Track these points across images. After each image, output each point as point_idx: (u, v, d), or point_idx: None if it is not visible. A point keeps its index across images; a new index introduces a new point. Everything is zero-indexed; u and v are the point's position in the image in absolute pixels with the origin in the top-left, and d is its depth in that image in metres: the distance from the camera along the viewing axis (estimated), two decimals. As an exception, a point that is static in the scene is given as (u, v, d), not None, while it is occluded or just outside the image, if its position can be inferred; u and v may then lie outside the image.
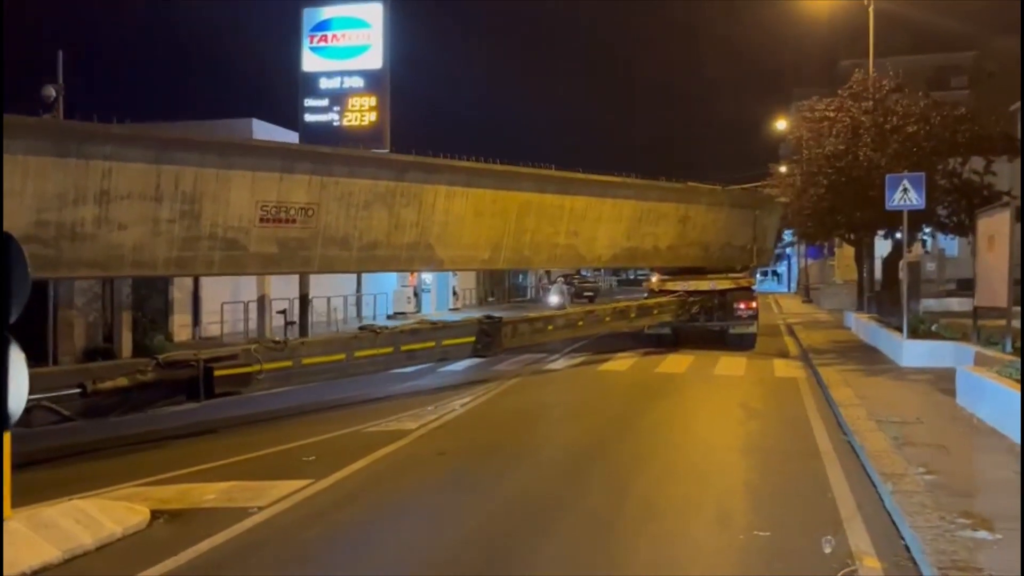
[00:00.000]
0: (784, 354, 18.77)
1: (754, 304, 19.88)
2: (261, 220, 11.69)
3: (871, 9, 23.28)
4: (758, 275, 77.81)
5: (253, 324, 23.02)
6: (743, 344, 19.35)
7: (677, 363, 17.03)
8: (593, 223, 17.79)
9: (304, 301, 20.76)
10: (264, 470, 8.11)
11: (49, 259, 9.49)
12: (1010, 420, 8.61)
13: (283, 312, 21.57)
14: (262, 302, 19.53)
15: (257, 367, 10.17)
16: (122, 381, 8.77)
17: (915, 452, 7.96)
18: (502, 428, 10.46)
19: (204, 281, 23.08)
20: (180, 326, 22.99)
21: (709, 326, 19.81)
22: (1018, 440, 8.21)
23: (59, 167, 9.51)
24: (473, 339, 13.98)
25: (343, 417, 11.07)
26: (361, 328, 13.01)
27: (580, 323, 17.13)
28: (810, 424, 10.36)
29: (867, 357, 16.50)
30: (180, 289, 22.83)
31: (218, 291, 23.17)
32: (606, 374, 15.70)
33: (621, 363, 17.17)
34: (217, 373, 9.65)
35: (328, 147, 13.06)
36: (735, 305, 19.54)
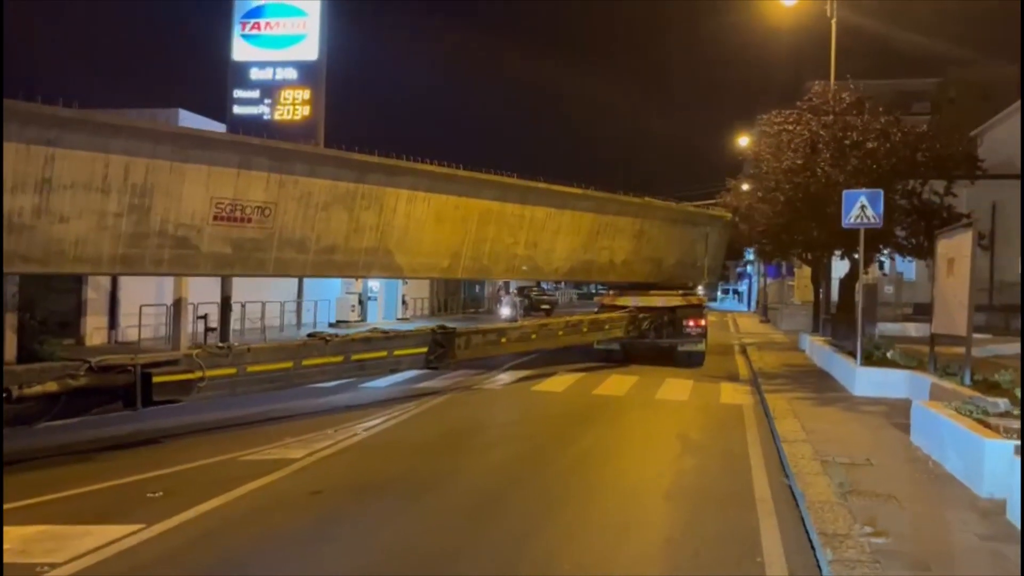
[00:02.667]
0: (733, 377, 17.74)
1: (703, 322, 19.59)
2: (215, 218, 11.01)
3: (833, 21, 22.54)
4: (719, 292, 78.21)
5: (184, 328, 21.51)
6: (691, 361, 19.08)
7: (619, 384, 15.90)
8: (552, 235, 17.41)
9: (226, 305, 19.38)
10: (96, 509, 6.77)
11: None
12: (970, 466, 7.57)
13: (203, 317, 20.09)
14: (178, 305, 18.02)
15: (199, 374, 9.51)
16: (52, 386, 8.15)
17: (862, 504, 6.85)
18: (401, 459, 9.17)
19: (123, 280, 21.54)
20: (95, 328, 21.39)
21: (658, 343, 19.44)
22: (980, 491, 7.17)
23: None
24: (426, 350, 13.38)
25: (226, 440, 9.77)
26: (310, 335, 12.31)
27: (534, 336, 16.62)
28: (750, 462, 9.24)
29: (819, 384, 15.51)
30: (95, 289, 21.25)
31: (138, 292, 21.61)
32: (540, 395, 14.49)
33: (560, 382, 16.01)
34: (156, 379, 8.99)
35: (290, 143, 12.23)
36: (685, 322, 19.30)
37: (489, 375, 16.83)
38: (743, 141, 39.54)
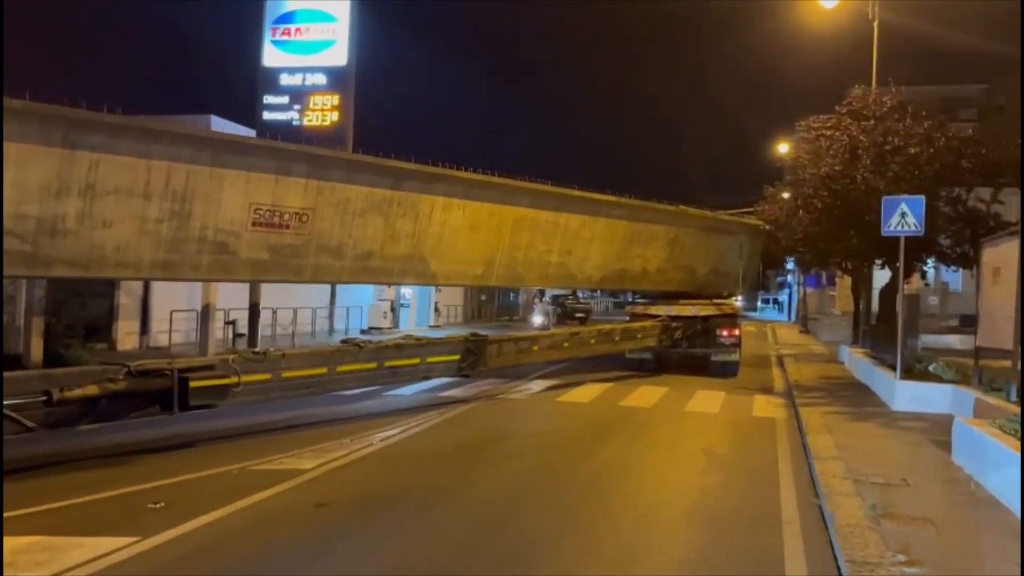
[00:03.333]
0: (768, 389, 17.21)
1: (737, 332, 19.35)
2: (254, 224, 11.02)
3: (875, 23, 21.87)
4: (759, 302, 76.98)
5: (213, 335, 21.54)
6: (725, 371, 18.86)
7: (647, 395, 15.48)
8: (586, 242, 17.30)
9: (254, 311, 19.38)
10: (95, 519, 6.60)
11: (25, 256, 8.77)
12: (1015, 489, 7.07)
13: (232, 323, 20.08)
14: (206, 312, 18.03)
15: (235, 379, 9.57)
16: (92, 390, 8.23)
17: (896, 529, 6.41)
18: (414, 471, 8.90)
19: (155, 286, 21.66)
20: (126, 333, 21.52)
21: (691, 352, 19.24)
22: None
23: (44, 156, 8.79)
24: (458, 357, 13.36)
25: (240, 448, 9.61)
26: (344, 342, 12.40)
27: (566, 344, 16.52)
28: (779, 480, 8.80)
29: (857, 397, 14.93)
30: (128, 294, 21.39)
31: (170, 297, 21.69)
32: (565, 406, 14.14)
33: (586, 393, 15.65)
34: (192, 384, 9.02)
35: (328, 149, 12.43)
36: (718, 332, 19.09)
37: (516, 384, 16.53)
38: (782, 148, 38.82)
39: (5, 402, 7.54)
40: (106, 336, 20.88)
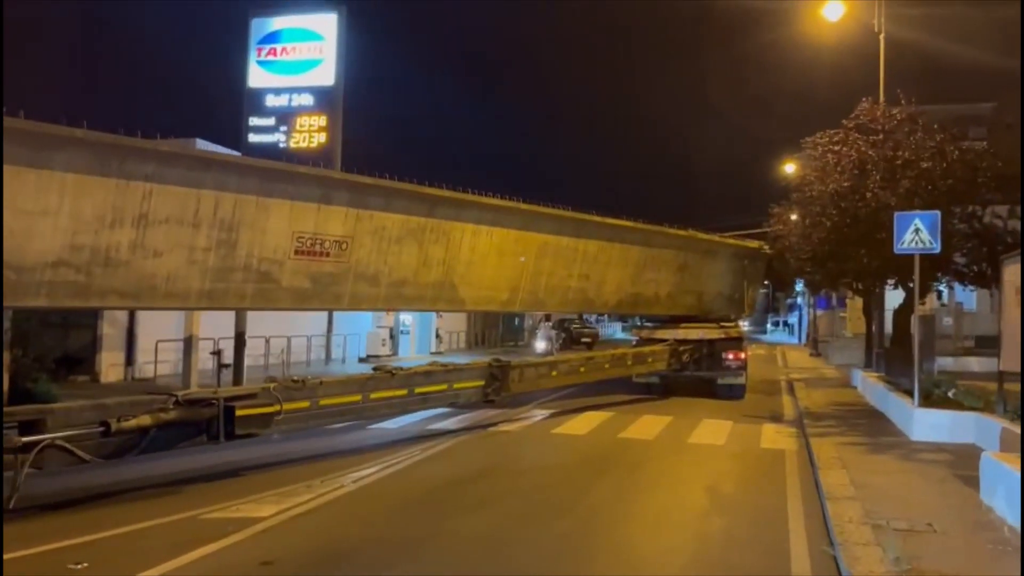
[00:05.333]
0: (777, 417, 16.28)
1: (743, 355, 19.55)
2: (296, 252, 11.06)
3: (882, 36, 21.18)
4: (769, 324, 75.98)
5: (199, 366, 20.75)
6: (732, 394, 19.05)
7: (649, 426, 14.59)
8: (603, 267, 17.65)
9: (239, 341, 18.57)
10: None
11: (79, 287, 8.71)
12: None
13: (217, 353, 19.30)
14: (189, 343, 17.28)
15: (277, 407, 9.65)
16: (145, 420, 8.30)
17: (924, 589, 5.54)
18: (379, 520, 7.99)
19: (140, 316, 20.95)
20: (110, 365, 20.76)
21: (698, 375, 19.46)
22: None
23: (99, 186, 8.74)
24: (483, 383, 13.60)
25: (201, 491, 8.88)
26: (375, 369, 12.53)
27: (582, 369, 16.81)
28: (788, 525, 7.90)
29: (872, 426, 14.00)
30: (112, 324, 20.67)
31: (155, 327, 20.97)
32: (560, 439, 13.26)
33: (585, 423, 14.78)
34: (238, 413, 9.11)
35: (369, 177, 12.26)
36: (724, 355, 19.37)
37: (513, 413, 15.70)
38: (788, 168, 38.03)
39: (59, 434, 7.58)
40: (89, 368, 20.13)
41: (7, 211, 7.94)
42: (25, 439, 7.29)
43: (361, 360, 29.83)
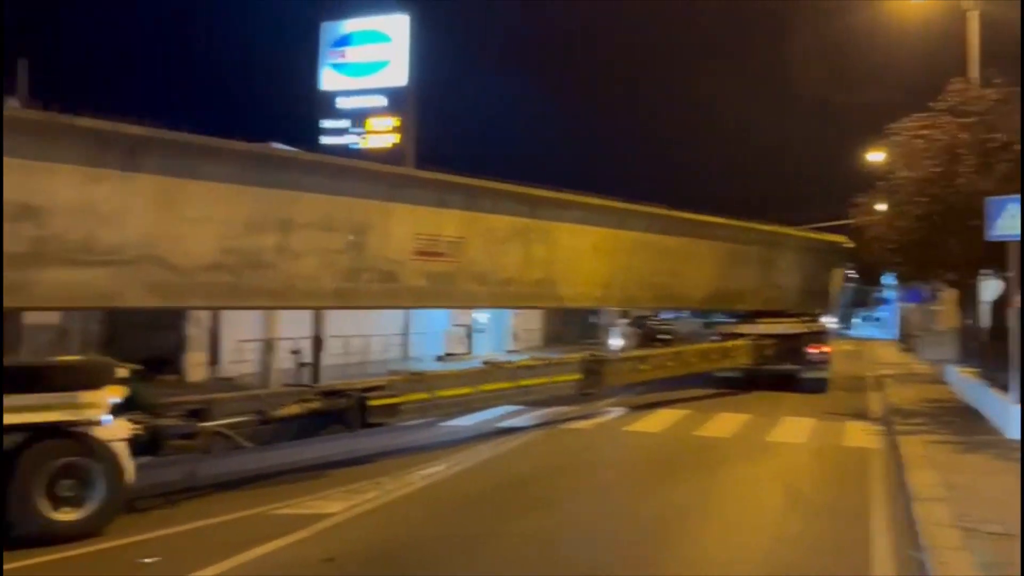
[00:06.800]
0: (862, 415, 15.62)
1: (826, 349, 19.61)
2: (416, 253, 11.61)
3: (973, 13, 20.07)
4: (857, 319, 73.47)
5: (279, 364, 21.21)
6: (815, 388, 19.07)
7: (726, 423, 14.20)
8: (691, 264, 17.95)
9: (317, 341, 18.99)
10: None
11: (231, 287, 9.31)
12: None
13: (296, 352, 19.73)
14: (269, 343, 17.68)
15: (403, 398, 10.47)
16: (295, 409, 9.19)
17: (1019, 599, 5.13)
18: (443, 519, 7.96)
19: (223, 316, 21.55)
20: (195, 364, 21.38)
21: (780, 370, 19.48)
22: None
23: (249, 194, 9.31)
24: (580, 376, 14.17)
25: (270, 488, 8.93)
26: (484, 363, 13.51)
27: (670, 363, 17.40)
28: (870, 527, 7.51)
29: (965, 425, 13.28)
30: (196, 325, 21.32)
31: (237, 328, 21.54)
32: (632, 436, 13.01)
33: (659, 420, 14.50)
34: (371, 403, 9.98)
35: (480, 180, 12.88)
36: (806, 349, 19.45)
37: (586, 409, 15.48)
38: (874, 157, 36.57)
39: (223, 422, 8.51)
40: (175, 368, 20.81)
41: (173, 219, 8.50)
42: (202, 424, 8.31)
43: (438, 359, 30.03)
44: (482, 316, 33.78)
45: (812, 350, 19.31)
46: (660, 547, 7.12)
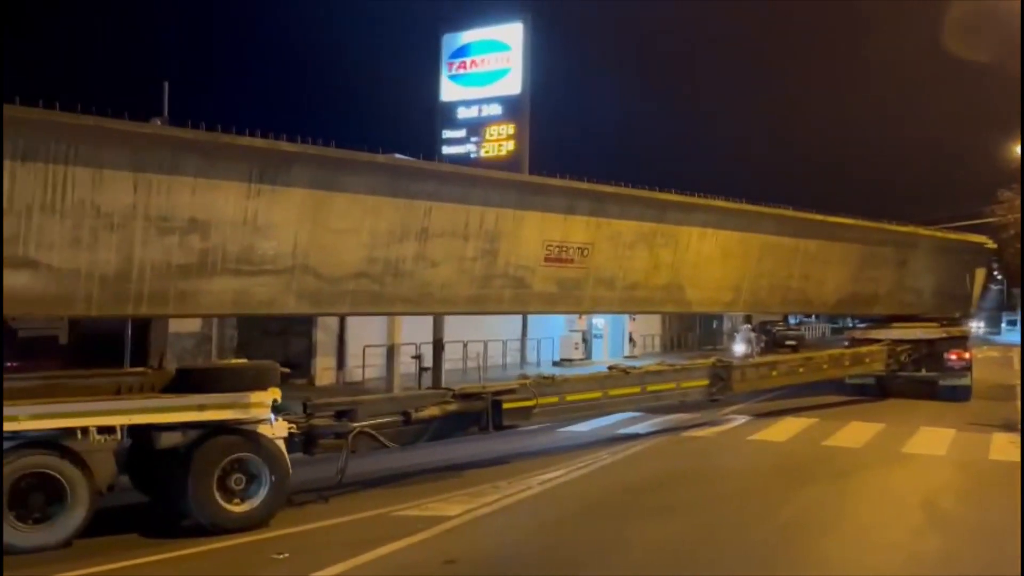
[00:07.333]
0: (1011, 426, 14.54)
1: (967, 355, 18.69)
2: (545, 259, 11.89)
3: None
4: (1004, 324, 68.72)
5: (400, 369, 21.82)
6: (956, 396, 18.27)
7: (857, 433, 13.57)
8: (822, 266, 17.49)
9: (438, 346, 19.37)
10: (214, 569, 6.29)
11: (374, 295, 9.77)
12: None
13: (417, 357, 20.24)
14: (392, 349, 18.20)
15: (534, 401, 10.60)
16: (434, 411, 9.45)
17: None
18: (563, 524, 7.96)
19: (349, 323, 22.34)
20: (323, 369, 22.30)
21: (917, 376, 18.76)
22: None
23: (391, 205, 9.67)
24: (708, 382, 13.97)
25: (392, 489, 9.21)
26: (610, 368, 13.39)
27: (800, 370, 16.85)
28: (1018, 546, 6.95)
29: None
30: (324, 331, 22.21)
31: (363, 334, 22.30)
32: (756, 445, 12.63)
33: (785, 429, 14.02)
34: (505, 406, 10.12)
35: (608, 187, 13.00)
36: (946, 355, 18.62)
37: (708, 417, 15.14)
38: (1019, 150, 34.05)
39: (369, 422, 8.82)
40: (305, 372, 21.74)
41: (322, 230, 8.95)
42: (354, 424, 8.65)
43: (555, 364, 30.10)
44: (599, 321, 33.61)
45: (952, 356, 18.42)
46: (788, 562, 6.87)
